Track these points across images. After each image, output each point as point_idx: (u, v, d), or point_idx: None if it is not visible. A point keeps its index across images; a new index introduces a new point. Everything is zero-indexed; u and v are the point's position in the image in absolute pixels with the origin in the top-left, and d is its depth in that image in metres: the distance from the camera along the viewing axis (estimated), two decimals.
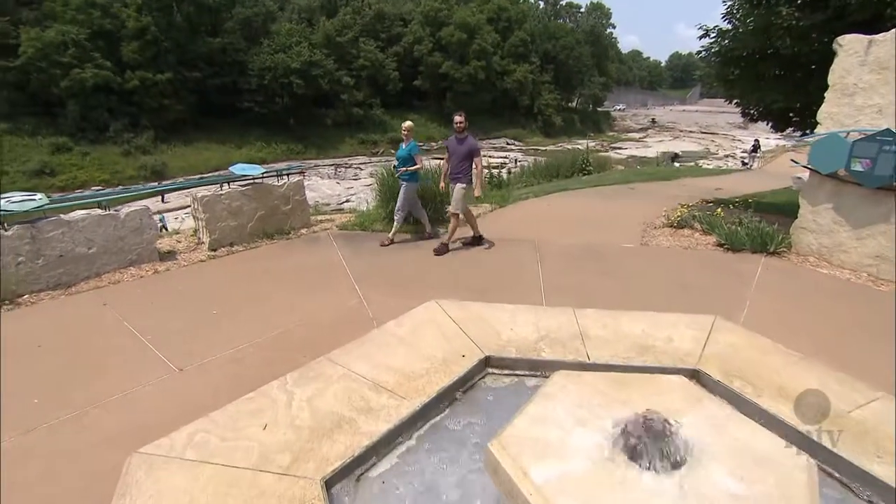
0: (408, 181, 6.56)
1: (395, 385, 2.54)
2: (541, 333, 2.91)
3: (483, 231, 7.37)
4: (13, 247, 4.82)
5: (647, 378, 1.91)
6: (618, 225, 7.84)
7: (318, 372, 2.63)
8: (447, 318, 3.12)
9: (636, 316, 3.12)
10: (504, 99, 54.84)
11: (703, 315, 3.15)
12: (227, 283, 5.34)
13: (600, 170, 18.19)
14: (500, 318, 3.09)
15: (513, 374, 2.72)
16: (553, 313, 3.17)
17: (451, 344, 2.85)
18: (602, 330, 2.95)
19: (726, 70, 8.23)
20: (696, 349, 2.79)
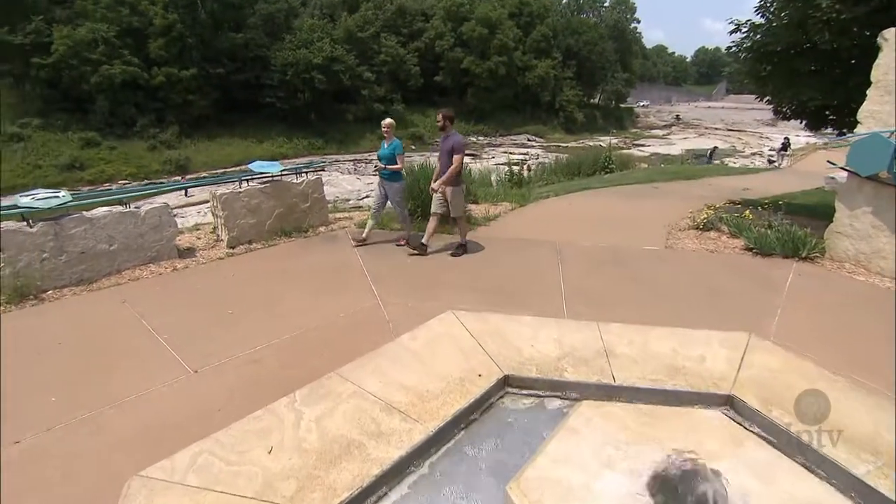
0: (392, 181, 6.36)
1: (408, 406, 2.42)
2: (563, 350, 2.78)
3: (503, 231, 7.27)
4: (38, 243, 4.88)
5: (680, 412, 1.78)
6: (641, 226, 7.63)
7: (327, 389, 2.53)
8: (464, 330, 3.01)
9: (665, 332, 2.94)
10: (525, 95, 54.34)
11: (736, 332, 2.96)
12: (244, 282, 5.33)
13: (623, 168, 17.84)
14: (521, 332, 2.96)
15: (533, 394, 2.57)
16: (577, 328, 3.02)
17: (469, 361, 2.73)
18: (629, 347, 2.80)
19: (758, 66, 7.90)
20: (730, 372, 2.61)
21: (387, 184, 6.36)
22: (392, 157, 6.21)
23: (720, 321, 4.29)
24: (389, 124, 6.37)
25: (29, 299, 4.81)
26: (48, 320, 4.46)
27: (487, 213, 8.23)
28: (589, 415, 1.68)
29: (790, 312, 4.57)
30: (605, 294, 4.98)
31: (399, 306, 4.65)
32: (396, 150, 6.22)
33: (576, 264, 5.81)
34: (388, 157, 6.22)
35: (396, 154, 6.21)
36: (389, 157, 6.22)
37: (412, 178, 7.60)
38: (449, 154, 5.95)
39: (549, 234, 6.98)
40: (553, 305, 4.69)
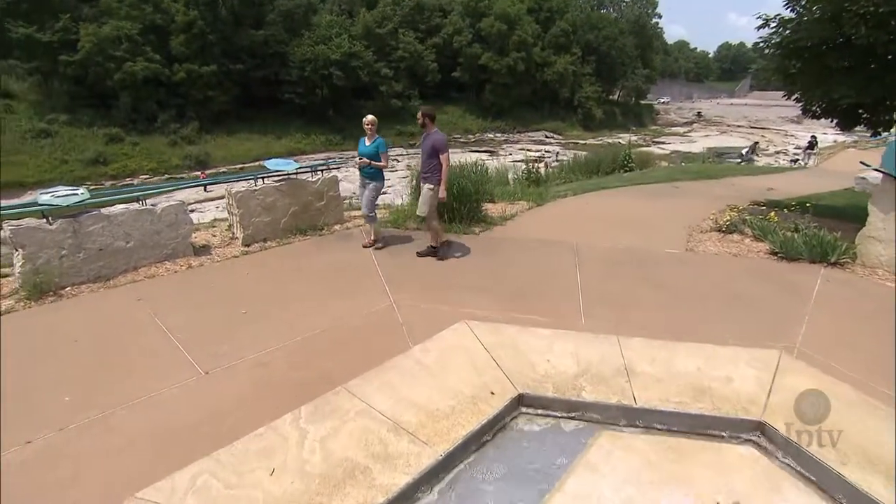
0: (373, 179, 6.17)
1: (417, 426, 2.30)
2: (581, 367, 2.66)
3: (520, 231, 7.16)
4: (57, 240, 4.94)
5: (707, 447, 1.65)
6: (661, 228, 7.44)
7: (334, 406, 2.45)
8: (478, 343, 2.89)
9: (689, 349, 2.78)
10: (544, 91, 53.82)
11: (765, 350, 2.78)
12: (258, 280, 5.32)
13: (643, 166, 17.50)
14: (536, 345, 2.83)
15: (549, 415, 2.44)
16: (595, 342, 2.89)
17: (481, 376, 2.61)
18: (650, 365, 2.66)
19: (787, 63, 7.61)
20: (760, 395, 2.43)
21: (367, 181, 6.19)
22: (376, 155, 6.03)
23: (744, 329, 4.14)
24: (372, 121, 6.14)
25: (48, 296, 4.87)
26: (65, 317, 4.50)
27: (504, 213, 8.12)
28: (608, 447, 1.57)
29: (818, 321, 4.38)
30: (624, 298, 4.84)
31: (413, 308, 4.59)
32: (381, 147, 6.05)
33: (594, 266, 5.68)
34: (372, 155, 6.04)
35: (381, 152, 6.04)
36: (373, 154, 6.04)
37: None
38: (430, 153, 5.73)
39: (566, 235, 6.85)
40: (570, 309, 4.58)
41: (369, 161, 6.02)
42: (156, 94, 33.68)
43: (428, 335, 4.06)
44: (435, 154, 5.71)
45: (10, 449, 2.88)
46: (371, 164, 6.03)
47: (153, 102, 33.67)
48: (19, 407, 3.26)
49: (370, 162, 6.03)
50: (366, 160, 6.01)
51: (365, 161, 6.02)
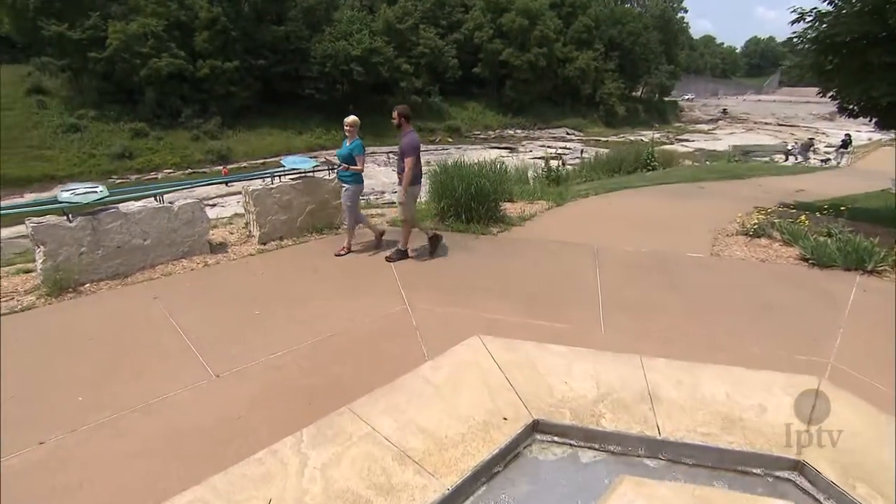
0: (350, 183, 5.89)
1: (424, 455, 2.15)
2: (601, 390, 2.49)
3: (539, 232, 7.02)
4: (77, 238, 4.98)
5: (741, 500, 1.49)
6: (685, 230, 7.22)
7: (337, 429, 2.34)
8: (491, 361, 2.73)
9: (718, 372, 2.57)
10: (565, 87, 53.17)
11: (803, 376, 2.55)
12: (273, 280, 5.29)
13: (666, 165, 17.10)
14: (554, 365, 2.67)
15: (566, 443, 2.26)
16: (616, 362, 2.70)
17: (494, 400, 2.45)
18: (676, 390, 2.48)
19: (823, 58, 7.27)
20: (797, 428, 2.21)
21: (342, 185, 5.96)
22: (350, 157, 5.77)
23: (773, 342, 3.96)
24: (353, 122, 5.86)
25: (67, 292, 4.91)
26: (83, 314, 4.53)
27: (523, 212, 7.98)
28: (630, 497, 1.44)
29: (853, 334, 4.16)
30: (646, 305, 4.67)
31: (427, 312, 4.50)
32: (355, 150, 5.77)
33: (615, 271, 5.52)
34: (347, 157, 5.80)
35: (355, 154, 5.77)
36: (348, 157, 5.79)
37: (446, 175, 7.39)
38: (402, 155, 5.61)
39: (586, 237, 6.68)
40: (589, 317, 4.44)
41: (347, 166, 5.76)
42: (180, 89, 34.24)
43: (442, 340, 3.97)
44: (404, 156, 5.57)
45: (24, 449, 2.88)
46: (349, 168, 5.74)
47: (177, 98, 34.24)
48: (35, 406, 3.27)
49: (348, 167, 5.75)
50: (332, 161, 5.77)
51: (327, 160, 5.81)
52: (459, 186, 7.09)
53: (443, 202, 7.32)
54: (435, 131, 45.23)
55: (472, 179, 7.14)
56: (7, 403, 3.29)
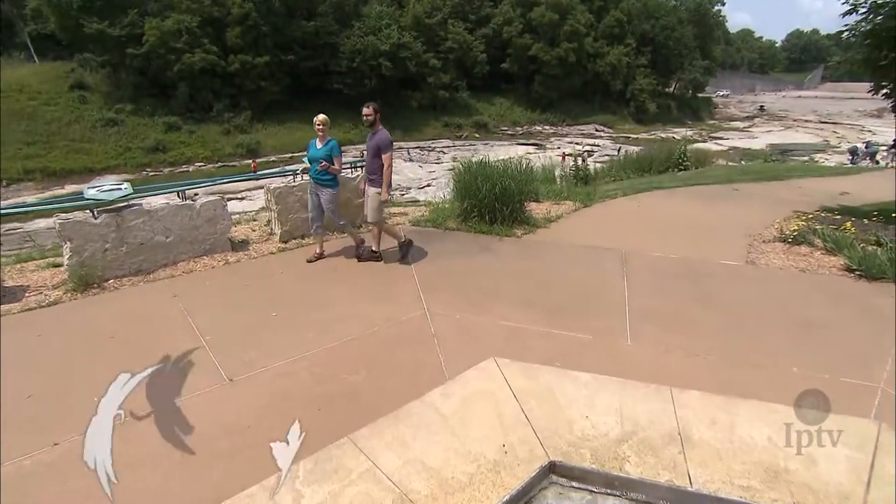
0: (331, 186, 5.55)
1: (427, 499, 1.95)
2: (626, 428, 2.26)
3: (565, 234, 6.82)
4: (101, 234, 5.04)
5: None
6: (718, 235, 6.90)
7: (336, 463, 2.17)
8: (507, 388, 2.50)
9: (759, 410, 2.29)
10: (595, 83, 52.13)
11: (859, 419, 2.21)
12: (292, 280, 5.25)
13: (698, 165, 16.53)
14: (574, 395, 2.46)
15: (585, 489, 2.03)
16: (643, 393, 2.44)
17: (508, 435, 2.24)
18: (710, 430, 2.21)
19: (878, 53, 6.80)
20: (855, 487, 1.88)
21: (321, 189, 5.55)
22: (329, 159, 5.43)
23: (815, 362, 3.69)
24: (324, 121, 5.54)
25: (92, 288, 4.98)
26: (105, 311, 4.58)
27: (548, 213, 7.77)
28: None
29: None
30: (675, 316, 4.45)
31: (447, 318, 4.38)
32: (334, 150, 5.47)
33: (643, 278, 5.29)
34: (325, 159, 5.42)
35: (334, 155, 5.46)
36: (326, 158, 5.42)
37: (470, 174, 7.24)
38: (375, 153, 5.39)
39: (614, 240, 6.45)
40: (615, 327, 4.24)
41: (328, 165, 5.39)
42: (211, 84, 34.92)
43: (460, 349, 3.86)
44: (379, 154, 5.38)
45: (39, 450, 2.89)
46: (329, 169, 5.40)
47: (209, 92, 34.95)
48: (53, 405, 3.29)
49: (329, 166, 5.39)
50: (326, 163, 5.37)
51: (325, 164, 5.37)
52: (483, 187, 6.93)
53: (466, 202, 7.18)
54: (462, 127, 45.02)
55: (496, 180, 6.98)
56: (27, 402, 3.32)
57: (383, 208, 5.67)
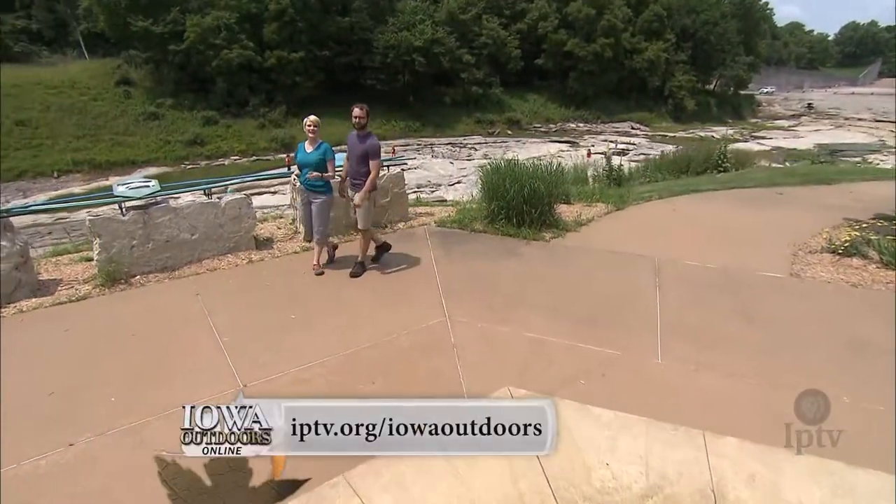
0: (322, 192, 5.19)
1: None
2: (651, 480, 2.01)
3: (595, 239, 6.57)
4: (129, 231, 5.12)
5: None
6: (760, 243, 6.50)
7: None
8: None
9: (809, 465, 1.99)
10: (632, 79, 50.83)
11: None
12: (312, 281, 5.20)
13: (739, 166, 15.79)
14: (594, 436, 2.23)
15: None
16: (673, 438, 2.20)
17: (517, 482, 2.01)
18: (748, 488, 1.94)
19: None
20: None
21: (314, 196, 5.19)
22: (323, 163, 5.08)
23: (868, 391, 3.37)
24: (315, 122, 5.13)
25: (119, 283, 5.06)
26: (129, 308, 4.64)
27: (579, 216, 7.49)
28: None
29: None
30: (711, 333, 4.18)
31: (468, 327, 4.24)
32: (328, 154, 5.12)
33: (677, 289, 5.01)
34: (318, 164, 5.05)
35: (328, 159, 5.12)
36: (319, 163, 5.05)
37: (498, 175, 7.05)
38: (363, 158, 5.11)
39: (647, 247, 6.15)
40: (645, 342, 4.01)
41: (321, 174, 5.07)
42: (248, 79, 35.72)
43: (479, 361, 3.72)
44: (367, 159, 5.11)
45: (55, 450, 2.90)
46: (323, 176, 5.09)
47: (245, 87, 35.77)
48: (72, 403, 3.31)
49: (322, 175, 5.08)
50: (317, 173, 5.03)
51: (316, 174, 5.03)
52: (511, 188, 6.73)
53: (493, 204, 6.99)
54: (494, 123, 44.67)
55: (525, 181, 6.77)
56: (48, 399, 3.36)
57: (372, 212, 5.43)
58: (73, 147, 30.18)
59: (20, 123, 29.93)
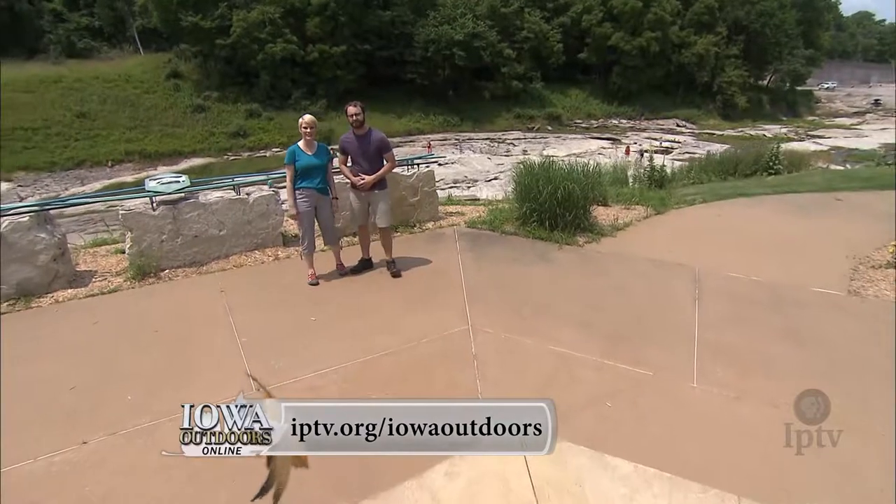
0: (327, 195, 5.03)
1: None
2: None
3: (632, 245, 6.26)
4: (159, 225, 5.19)
5: None
6: (814, 256, 6.02)
7: None
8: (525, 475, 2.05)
9: None
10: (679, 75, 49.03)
11: None
12: (336, 281, 5.14)
13: (793, 168, 14.88)
14: (610, 493, 1.98)
15: None
16: (700, 503, 2.03)
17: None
18: None
19: None
20: None
21: (321, 198, 4.95)
22: (326, 166, 4.95)
23: None
24: (313, 122, 4.87)
25: (149, 277, 5.14)
26: (155, 303, 4.69)
27: (616, 220, 7.17)
28: None
29: None
30: (754, 355, 3.84)
31: (491, 337, 4.06)
32: (329, 154, 5.01)
33: (717, 304, 4.67)
34: (325, 166, 4.93)
35: (330, 159, 5.02)
36: (325, 166, 4.93)
37: (531, 176, 6.80)
38: (376, 155, 4.97)
39: (687, 255, 5.80)
40: (680, 362, 3.73)
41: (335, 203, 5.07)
42: (291, 72, 36.48)
43: (500, 376, 3.55)
44: (381, 155, 4.99)
45: (68, 447, 2.91)
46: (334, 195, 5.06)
47: (288, 80, 36.55)
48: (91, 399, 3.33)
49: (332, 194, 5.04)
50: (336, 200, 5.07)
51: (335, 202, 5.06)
52: (545, 190, 6.48)
53: (525, 205, 6.76)
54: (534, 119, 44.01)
55: (559, 182, 6.51)
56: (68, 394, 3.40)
57: (391, 210, 5.32)
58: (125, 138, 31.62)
59: (81, 115, 31.63)
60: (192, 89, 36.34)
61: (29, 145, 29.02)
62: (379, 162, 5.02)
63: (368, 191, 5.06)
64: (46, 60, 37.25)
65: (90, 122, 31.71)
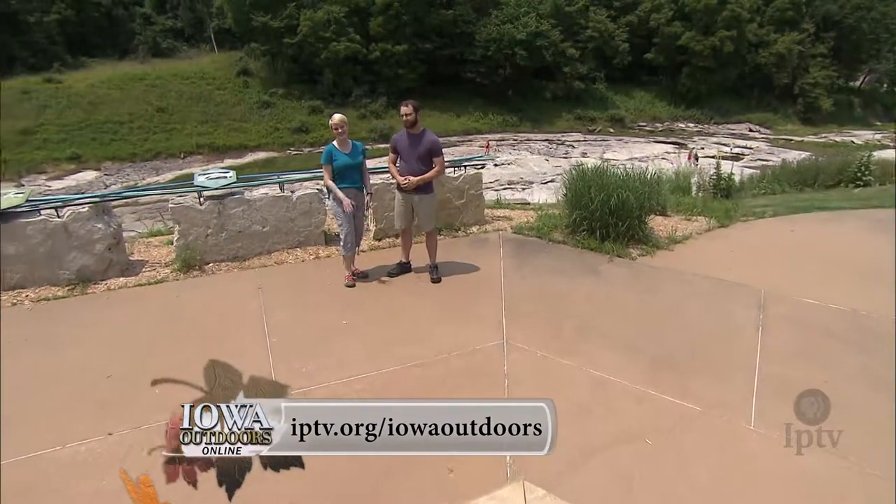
0: (363, 193, 4.98)
1: None
2: None
3: (690, 260, 5.79)
4: (205, 220, 5.32)
5: None
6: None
7: None
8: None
9: None
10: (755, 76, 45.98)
11: None
12: (374, 285, 5.05)
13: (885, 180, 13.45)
14: None
15: None
16: None
17: None
18: None
19: None
20: None
21: (360, 196, 4.90)
22: (362, 165, 4.91)
23: None
24: (344, 121, 4.75)
25: (193, 270, 5.28)
26: (197, 296, 4.80)
27: (674, 232, 6.65)
28: None
29: None
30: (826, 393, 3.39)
31: (526, 354, 3.82)
32: (364, 154, 4.95)
33: (785, 332, 4.17)
34: (361, 166, 4.88)
35: (364, 158, 4.97)
36: (361, 165, 4.88)
37: (583, 183, 6.44)
38: (427, 156, 4.81)
39: (752, 275, 5.25)
40: (737, 398, 3.33)
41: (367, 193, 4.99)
42: (353, 70, 37.37)
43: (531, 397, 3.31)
44: (430, 157, 4.83)
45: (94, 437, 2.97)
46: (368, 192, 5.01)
47: (350, 78, 37.48)
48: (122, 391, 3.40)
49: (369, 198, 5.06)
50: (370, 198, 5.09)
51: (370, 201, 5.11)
52: (597, 198, 6.12)
53: (575, 213, 6.41)
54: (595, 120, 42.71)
55: (612, 190, 6.12)
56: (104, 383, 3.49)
57: (435, 212, 5.24)
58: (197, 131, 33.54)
59: (160, 110, 33.97)
60: (260, 86, 37.99)
61: (116, 137, 31.44)
62: (428, 164, 4.88)
63: (413, 192, 4.94)
64: (135, 60, 40.27)
65: (167, 116, 33.89)
